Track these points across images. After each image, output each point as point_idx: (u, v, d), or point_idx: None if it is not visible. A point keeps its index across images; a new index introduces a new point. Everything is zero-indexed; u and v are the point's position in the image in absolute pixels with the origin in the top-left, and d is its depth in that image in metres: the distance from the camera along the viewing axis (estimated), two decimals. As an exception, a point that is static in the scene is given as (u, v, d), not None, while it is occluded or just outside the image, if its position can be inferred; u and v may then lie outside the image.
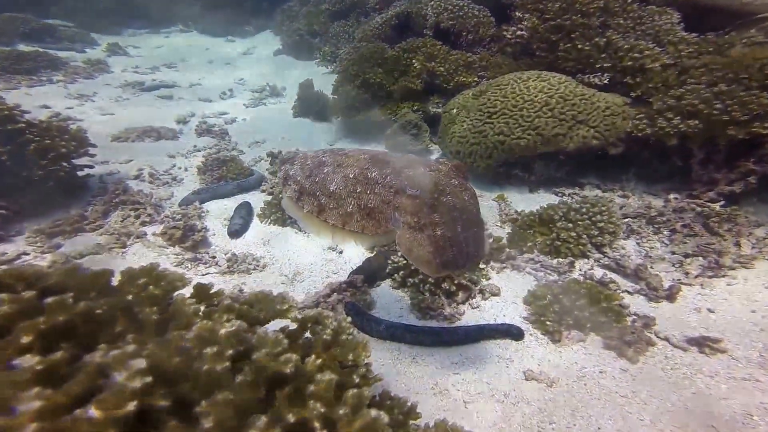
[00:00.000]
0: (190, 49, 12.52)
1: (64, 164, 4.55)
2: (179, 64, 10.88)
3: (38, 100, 7.48)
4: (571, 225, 3.66)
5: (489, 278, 3.64)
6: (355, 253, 4.04)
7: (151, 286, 1.60)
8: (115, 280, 1.59)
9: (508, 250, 3.75)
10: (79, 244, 3.96)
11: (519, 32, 5.37)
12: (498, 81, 4.89)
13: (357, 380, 1.42)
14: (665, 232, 3.90)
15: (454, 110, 5.40)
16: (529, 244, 3.75)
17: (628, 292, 3.43)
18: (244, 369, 1.20)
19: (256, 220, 4.53)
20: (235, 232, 4.29)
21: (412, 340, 3.06)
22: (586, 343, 3.00)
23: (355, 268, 3.76)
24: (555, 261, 3.66)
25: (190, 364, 1.16)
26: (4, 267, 2.57)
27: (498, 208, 4.54)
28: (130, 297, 1.49)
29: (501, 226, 4.28)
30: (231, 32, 13.86)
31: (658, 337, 3.01)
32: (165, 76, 9.78)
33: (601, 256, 3.69)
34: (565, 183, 4.79)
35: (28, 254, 3.72)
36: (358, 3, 9.90)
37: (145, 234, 4.23)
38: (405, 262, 3.56)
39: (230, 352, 1.19)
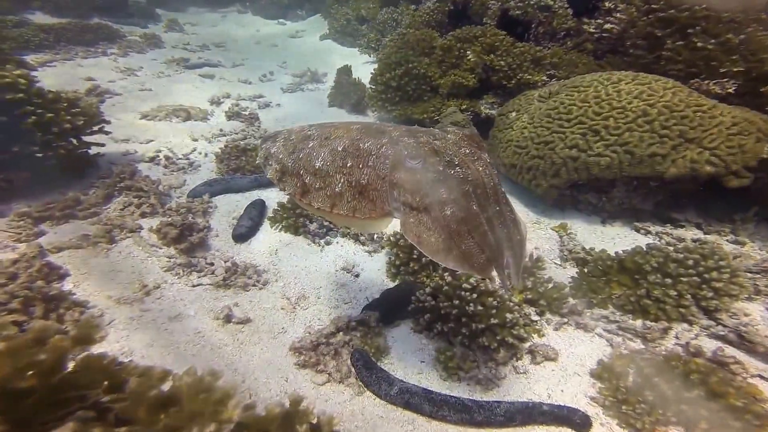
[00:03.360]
0: (242, 30, 12.36)
1: (73, 140, 4.18)
2: (229, 43, 10.67)
3: (86, 72, 7.37)
4: (669, 281, 2.68)
5: (543, 335, 2.78)
6: (375, 279, 3.31)
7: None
8: None
9: (572, 300, 2.85)
10: (65, 234, 3.51)
11: (607, 25, 4.31)
12: (575, 81, 3.88)
13: None
14: (812, 298, 2.80)
15: (513, 113, 4.48)
16: (602, 296, 2.80)
17: (762, 378, 2.44)
18: None
19: (266, 224, 3.91)
20: (241, 236, 3.72)
21: (433, 413, 2.36)
22: (695, 453, 2.08)
23: (370, 300, 3.04)
24: (639, 322, 2.70)
25: None
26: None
27: (559, 241, 3.60)
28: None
29: (562, 266, 3.35)
30: (284, 15, 13.62)
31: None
32: (212, 54, 9.57)
33: (713, 323, 2.69)
34: (651, 217, 3.72)
35: (-1, 241, 3.29)
36: (411, -12, 9.05)
37: (141, 228, 3.72)
38: (433, 303, 2.80)
39: None
